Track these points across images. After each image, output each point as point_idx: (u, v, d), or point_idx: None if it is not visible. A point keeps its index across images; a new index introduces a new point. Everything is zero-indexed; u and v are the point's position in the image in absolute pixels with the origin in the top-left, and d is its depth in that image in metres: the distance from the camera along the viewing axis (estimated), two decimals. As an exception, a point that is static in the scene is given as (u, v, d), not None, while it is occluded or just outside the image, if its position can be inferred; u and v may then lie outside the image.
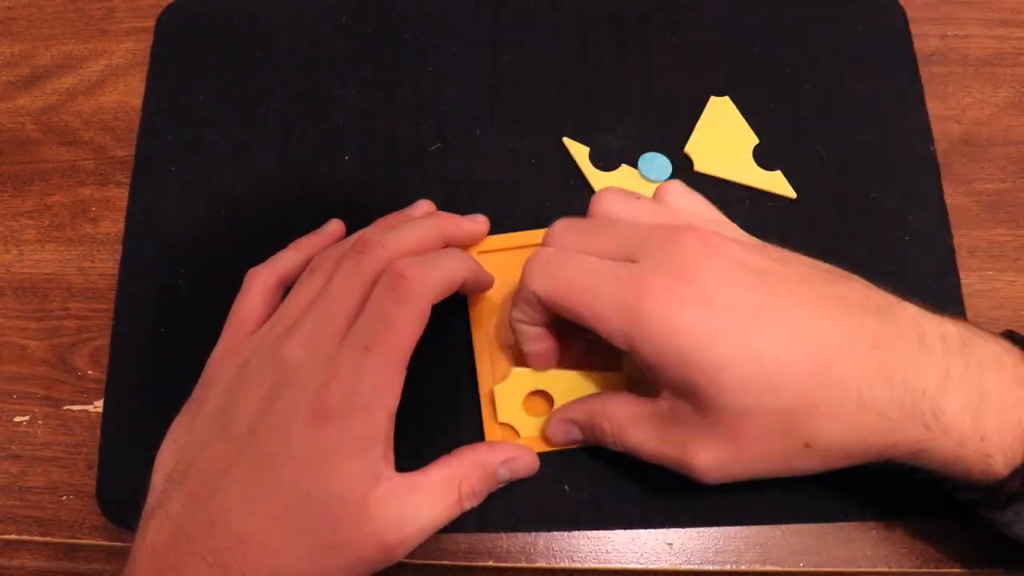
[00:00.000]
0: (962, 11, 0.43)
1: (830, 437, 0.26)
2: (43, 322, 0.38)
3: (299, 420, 0.27)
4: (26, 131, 0.42)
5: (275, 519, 0.27)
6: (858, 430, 0.26)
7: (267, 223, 0.39)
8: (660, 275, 0.27)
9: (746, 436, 0.27)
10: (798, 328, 0.26)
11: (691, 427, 0.28)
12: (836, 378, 0.26)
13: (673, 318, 0.26)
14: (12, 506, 0.36)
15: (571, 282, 0.29)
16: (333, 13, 0.43)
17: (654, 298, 0.27)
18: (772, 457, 0.27)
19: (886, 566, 0.33)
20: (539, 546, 0.34)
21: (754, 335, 0.26)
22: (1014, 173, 0.39)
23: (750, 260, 0.28)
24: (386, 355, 0.28)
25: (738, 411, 0.26)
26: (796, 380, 0.26)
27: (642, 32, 0.42)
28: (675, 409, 0.28)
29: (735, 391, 0.26)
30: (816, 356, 0.26)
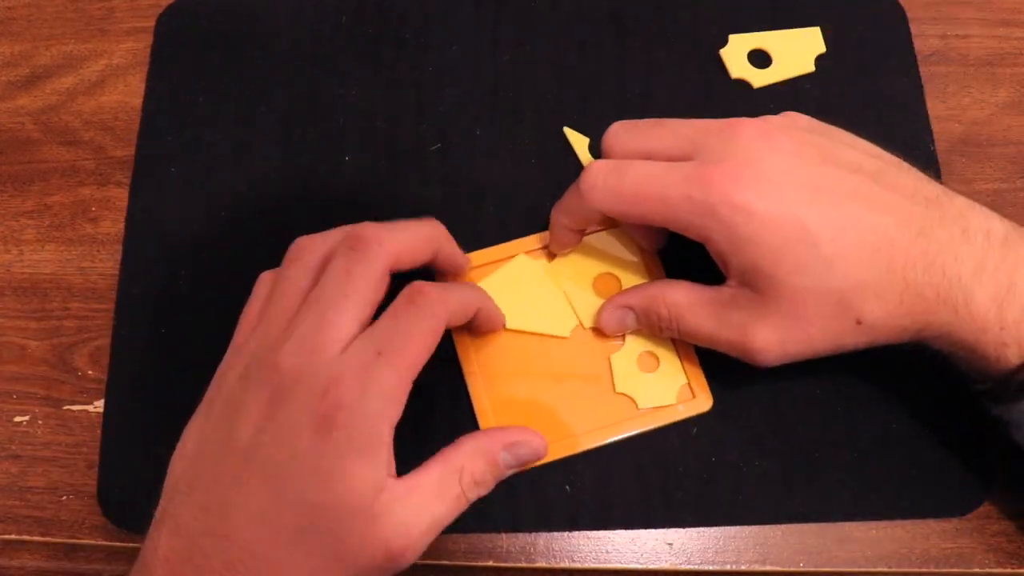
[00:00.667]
0: (962, 11, 0.43)
1: (877, 314, 0.29)
2: (43, 322, 0.38)
3: (303, 432, 0.27)
4: (26, 131, 0.42)
5: (285, 533, 0.27)
6: (900, 308, 0.28)
7: (267, 223, 0.39)
8: (723, 164, 0.29)
9: (803, 314, 0.29)
10: (850, 215, 0.28)
11: (750, 311, 0.30)
12: (883, 261, 0.28)
13: (740, 204, 0.28)
14: (12, 506, 0.36)
15: (636, 192, 0.30)
16: (333, 13, 0.43)
17: (720, 187, 0.29)
18: (826, 335, 0.29)
19: (886, 566, 0.33)
20: (539, 546, 0.34)
21: (811, 220, 0.28)
22: (1014, 173, 0.39)
23: (804, 150, 0.30)
24: (398, 364, 0.28)
25: (795, 291, 0.29)
26: (847, 262, 0.28)
27: (642, 32, 0.42)
28: (736, 296, 0.30)
29: (793, 271, 0.28)
30: (865, 240, 0.28)
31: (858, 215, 0.28)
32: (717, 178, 0.29)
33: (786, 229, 0.28)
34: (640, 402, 0.34)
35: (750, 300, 0.30)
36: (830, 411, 0.35)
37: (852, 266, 0.28)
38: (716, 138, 0.30)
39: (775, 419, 0.35)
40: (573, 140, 0.39)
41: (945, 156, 0.39)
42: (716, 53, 0.41)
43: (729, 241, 0.29)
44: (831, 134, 0.31)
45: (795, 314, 0.29)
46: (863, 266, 0.28)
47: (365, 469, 0.27)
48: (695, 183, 0.29)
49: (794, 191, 0.28)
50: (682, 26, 0.42)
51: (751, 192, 0.28)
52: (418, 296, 0.29)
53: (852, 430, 0.34)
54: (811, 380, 0.35)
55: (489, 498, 0.33)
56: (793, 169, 0.29)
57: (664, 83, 0.41)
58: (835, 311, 0.29)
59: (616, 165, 0.31)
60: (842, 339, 0.30)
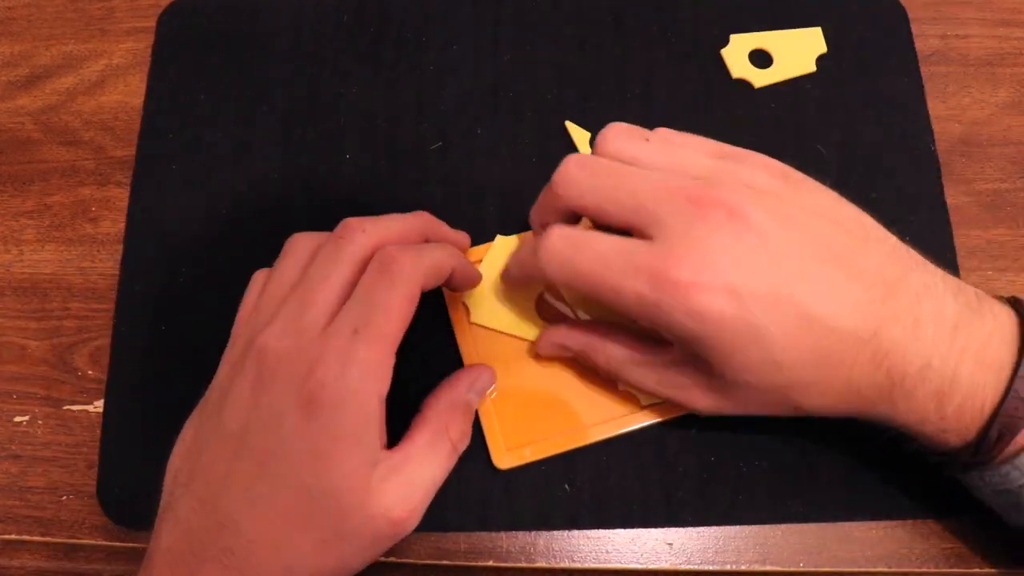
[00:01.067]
0: (962, 11, 0.43)
1: (817, 405, 0.29)
2: (43, 322, 0.38)
3: (289, 414, 0.27)
4: (26, 131, 0.42)
5: (280, 516, 0.27)
6: (841, 403, 0.29)
7: (268, 222, 0.39)
8: (680, 262, 0.27)
9: (744, 399, 0.30)
10: (810, 319, 0.27)
11: (693, 378, 0.30)
12: (832, 364, 0.28)
13: (695, 309, 0.27)
14: (12, 506, 0.36)
15: (588, 273, 0.29)
16: (334, 12, 0.43)
17: (674, 290, 0.27)
18: (765, 410, 0.30)
19: (886, 566, 0.33)
20: (539, 546, 0.34)
21: (768, 323, 0.27)
22: (1014, 173, 0.39)
23: (772, 235, 0.27)
24: (377, 338, 0.28)
25: (739, 383, 0.29)
26: (795, 366, 0.28)
27: (643, 31, 0.42)
28: (679, 362, 0.30)
29: (741, 370, 0.28)
30: (819, 345, 0.27)
31: (817, 312, 0.27)
32: (672, 276, 0.27)
33: (741, 334, 0.27)
34: (643, 399, 0.34)
35: (693, 370, 0.30)
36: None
37: (800, 369, 0.28)
38: (676, 216, 0.27)
39: (775, 419, 0.35)
40: (574, 134, 0.39)
41: (945, 156, 0.39)
42: (717, 53, 0.41)
43: (679, 338, 0.28)
44: (801, 192, 0.29)
45: (735, 395, 0.30)
46: (811, 368, 0.28)
47: (356, 447, 0.27)
48: (648, 277, 0.27)
49: (754, 292, 0.27)
50: (682, 26, 0.42)
51: (709, 297, 0.27)
52: (390, 264, 0.29)
53: (852, 430, 0.34)
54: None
55: (489, 498, 0.33)
56: (756, 264, 0.27)
57: (664, 83, 0.41)
58: (776, 400, 0.29)
59: (570, 237, 0.29)
60: (779, 414, 0.30)
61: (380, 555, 0.29)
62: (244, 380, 0.29)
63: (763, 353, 0.27)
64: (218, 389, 0.30)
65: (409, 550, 0.34)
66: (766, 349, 0.27)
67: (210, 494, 0.28)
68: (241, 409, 0.28)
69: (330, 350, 0.27)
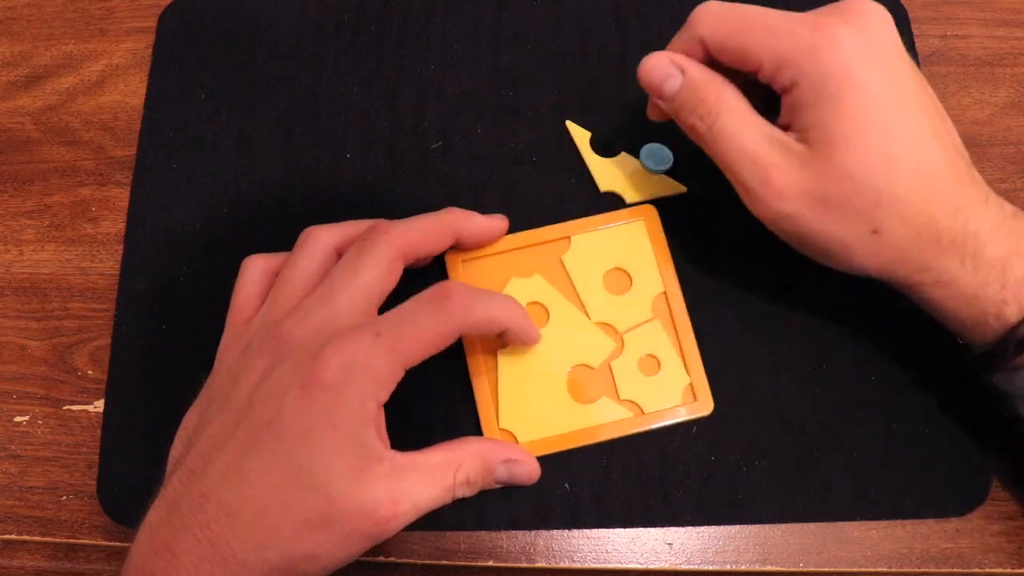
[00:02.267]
0: (962, 11, 0.43)
1: (893, 233, 0.29)
2: (43, 322, 0.38)
3: (292, 389, 0.27)
4: (26, 131, 0.42)
5: (266, 491, 0.27)
6: (916, 238, 0.29)
7: (269, 221, 0.39)
8: (842, 22, 0.29)
9: (837, 192, 0.29)
10: (923, 135, 0.29)
11: (792, 161, 0.29)
12: (924, 189, 0.29)
13: (845, 62, 0.28)
14: (12, 506, 0.36)
15: (746, 21, 0.30)
16: (335, 12, 0.43)
17: (834, 38, 0.29)
18: (839, 223, 0.29)
19: (886, 566, 0.33)
20: (539, 546, 0.34)
21: (899, 116, 0.29)
22: (1014, 173, 0.39)
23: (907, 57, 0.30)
24: (395, 348, 0.28)
25: (847, 173, 0.29)
26: (903, 171, 0.28)
27: (644, 31, 0.42)
28: (787, 142, 0.30)
29: (858, 154, 0.28)
30: (923, 164, 0.29)
31: (927, 139, 0.29)
32: (833, 28, 0.29)
33: (873, 113, 0.28)
34: (645, 407, 0.34)
35: (799, 152, 0.29)
36: (830, 411, 0.35)
37: (901, 179, 0.28)
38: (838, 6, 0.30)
39: (775, 419, 0.35)
40: (575, 133, 0.39)
41: (945, 156, 0.39)
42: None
43: (817, 95, 0.29)
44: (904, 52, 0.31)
45: (831, 189, 0.29)
46: (907, 185, 0.28)
47: (352, 436, 0.28)
48: (810, 25, 0.29)
49: (894, 83, 0.29)
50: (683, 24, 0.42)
51: (862, 59, 0.28)
52: (442, 298, 0.29)
53: (852, 430, 0.34)
54: (811, 380, 0.35)
55: (489, 497, 0.33)
56: (898, 65, 0.29)
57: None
58: (863, 208, 0.29)
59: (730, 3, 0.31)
60: (849, 238, 0.30)
61: (353, 558, 0.28)
62: (259, 362, 0.29)
63: (885, 143, 0.28)
64: (227, 373, 0.30)
65: (409, 550, 0.34)
66: (889, 139, 0.28)
67: (200, 464, 0.28)
68: (250, 385, 0.29)
69: (345, 342, 0.28)
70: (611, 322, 0.36)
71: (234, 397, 0.29)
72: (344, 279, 0.30)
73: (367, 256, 0.31)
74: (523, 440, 0.34)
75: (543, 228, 0.37)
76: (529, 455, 0.32)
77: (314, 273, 0.32)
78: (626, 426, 0.34)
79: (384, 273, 0.31)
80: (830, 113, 0.28)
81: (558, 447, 0.34)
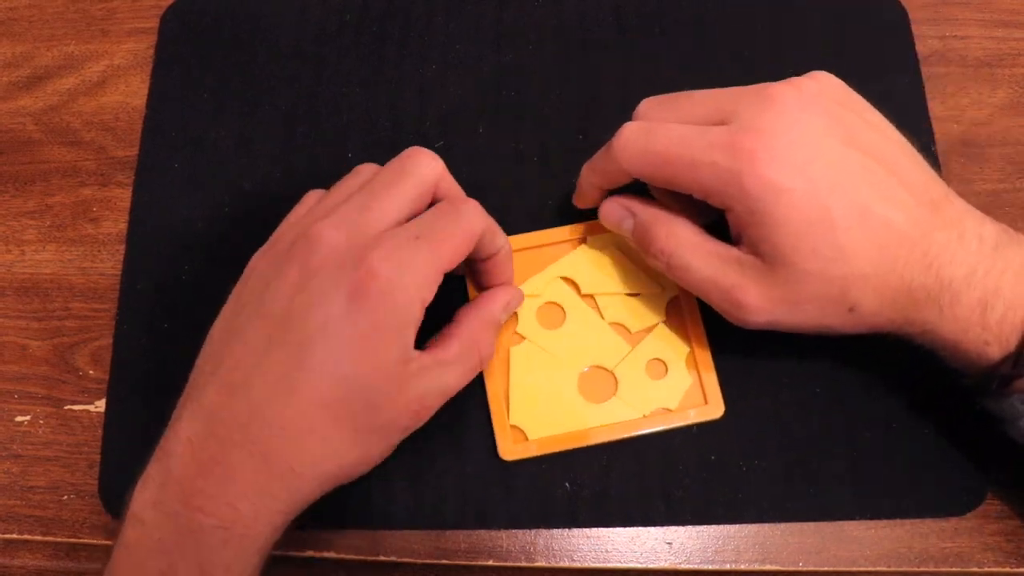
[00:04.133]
0: (961, 12, 0.43)
1: (870, 307, 0.29)
2: (44, 322, 0.38)
3: (336, 300, 0.27)
4: (27, 131, 0.42)
5: (316, 406, 0.27)
6: (891, 304, 0.29)
7: (270, 221, 0.38)
8: (755, 133, 0.29)
9: (804, 293, 0.29)
10: (867, 206, 0.29)
11: (752, 277, 0.30)
12: (888, 258, 0.29)
13: (768, 179, 0.28)
14: (13, 506, 0.36)
15: (664, 153, 0.30)
16: (337, 11, 0.43)
17: (749, 158, 0.28)
18: (817, 315, 0.30)
19: (885, 565, 0.33)
20: (539, 545, 0.34)
21: (834, 204, 0.28)
22: (1012, 173, 0.39)
23: (834, 129, 0.30)
24: (434, 249, 0.29)
25: (804, 272, 0.29)
26: (857, 254, 0.29)
27: (644, 31, 0.42)
28: (742, 259, 0.30)
29: (808, 255, 0.29)
30: (877, 235, 0.29)
31: (875, 208, 0.29)
32: (747, 147, 0.29)
33: (810, 212, 0.28)
34: (655, 408, 0.34)
35: (755, 266, 0.30)
36: (830, 411, 0.35)
37: (861, 258, 0.28)
38: (750, 105, 0.30)
39: (775, 418, 0.35)
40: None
41: (944, 157, 0.39)
42: (718, 49, 0.41)
43: (750, 213, 0.29)
44: (858, 110, 0.31)
45: (796, 291, 0.29)
46: (870, 260, 0.29)
47: (397, 341, 0.28)
48: (724, 149, 0.29)
49: (821, 172, 0.28)
50: (684, 24, 0.42)
51: (780, 168, 0.28)
52: (460, 204, 0.30)
53: (852, 430, 0.35)
54: (811, 380, 0.35)
55: (489, 496, 0.33)
56: (823, 148, 0.29)
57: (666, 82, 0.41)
58: (833, 296, 0.29)
59: (648, 126, 0.31)
60: (829, 321, 0.30)
61: (392, 450, 0.29)
62: (292, 267, 0.29)
63: (828, 235, 0.28)
64: (258, 280, 0.30)
65: (409, 549, 0.34)
66: (831, 231, 0.28)
67: (241, 379, 0.28)
68: (285, 295, 0.28)
69: (390, 246, 0.28)
70: (624, 323, 0.36)
71: (266, 304, 0.28)
72: (378, 188, 0.30)
73: (404, 171, 0.31)
74: (532, 437, 0.34)
75: (560, 228, 0.37)
76: (513, 288, 0.34)
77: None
78: (635, 427, 0.34)
79: (421, 193, 0.31)
80: (769, 228, 0.29)
81: (567, 445, 0.34)
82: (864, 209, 0.29)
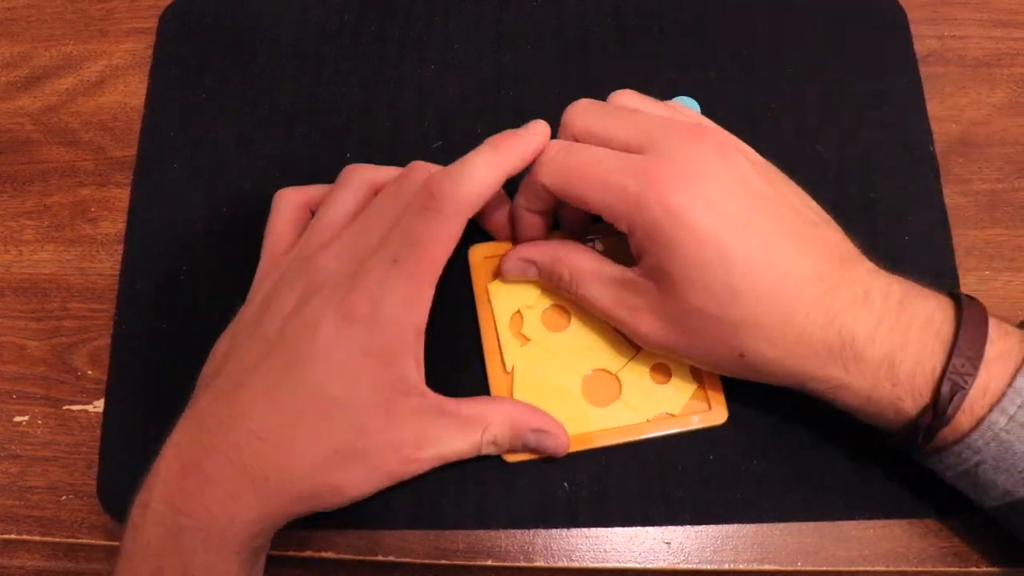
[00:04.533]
0: (959, 12, 0.43)
1: (763, 356, 0.29)
2: (43, 322, 0.38)
3: (326, 321, 0.28)
4: (26, 131, 0.42)
5: (298, 418, 0.27)
6: (789, 358, 0.29)
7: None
8: (669, 165, 0.29)
9: (693, 327, 0.29)
10: (773, 255, 0.28)
11: (647, 300, 0.30)
12: (787, 309, 0.28)
13: (673, 207, 0.28)
14: (12, 506, 0.36)
15: (579, 172, 0.30)
16: (337, 11, 0.43)
17: (658, 185, 0.28)
18: (707, 353, 0.30)
19: (884, 565, 0.33)
20: (538, 545, 0.34)
21: (735, 246, 0.28)
22: (1011, 173, 0.40)
23: (752, 179, 0.29)
24: (412, 270, 0.29)
25: (694, 307, 0.29)
26: (750, 299, 0.28)
27: (645, 31, 0.42)
28: (638, 283, 0.30)
29: (699, 290, 0.28)
30: (776, 285, 0.28)
31: (781, 256, 0.28)
32: (659, 175, 0.28)
33: (708, 248, 0.28)
34: (657, 413, 0.34)
35: (650, 292, 0.30)
36: (829, 410, 0.35)
37: (754, 304, 0.28)
38: (674, 137, 0.29)
39: (774, 418, 0.35)
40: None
41: (942, 157, 0.39)
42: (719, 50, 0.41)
43: (649, 238, 0.29)
44: (780, 175, 0.31)
45: (686, 323, 0.29)
46: (764, 308, 0.28)
47: (387, 370, 0.28)
48: (636, 175, 0.29)
49: (729, 213, 0.28)
50: (684, 24, 0.42)
51: (687, 200, 0.28)
52: (430, 200, 0.29)
53: (851, 430, 0.34)
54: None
55: (489, 495, 0.33)
56: (736, 191, 0.29)
57: (666, 82, 0.41)
58: (722, 337, 0.29)
59: (569, 146, 0.31)
60: (721, 362, 0.30)
61: (374, 492, 0.29)
62: (292, 292, 0.30)
63: (724, 275, 0.28)
64: (261, 302, 0.31)
65: (408, 550, 0.34)
66: (728, 271, 0.28)
67: (230, 386, 0.28)
68: (282, 316, 0.29)
69: (370, 273, 0.28)
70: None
71: (265, 325, 0.29)
72: (377, 215, 0.31)
73: (404, 194, 0.31)
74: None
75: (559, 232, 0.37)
76: (560, 427, 0.33)
77: (352, 212, 0.32)
78: (638, 431, 0.34)
79: None
80: (665, 257, 0.28)
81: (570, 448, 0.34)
82: (769, 255, 0.28)
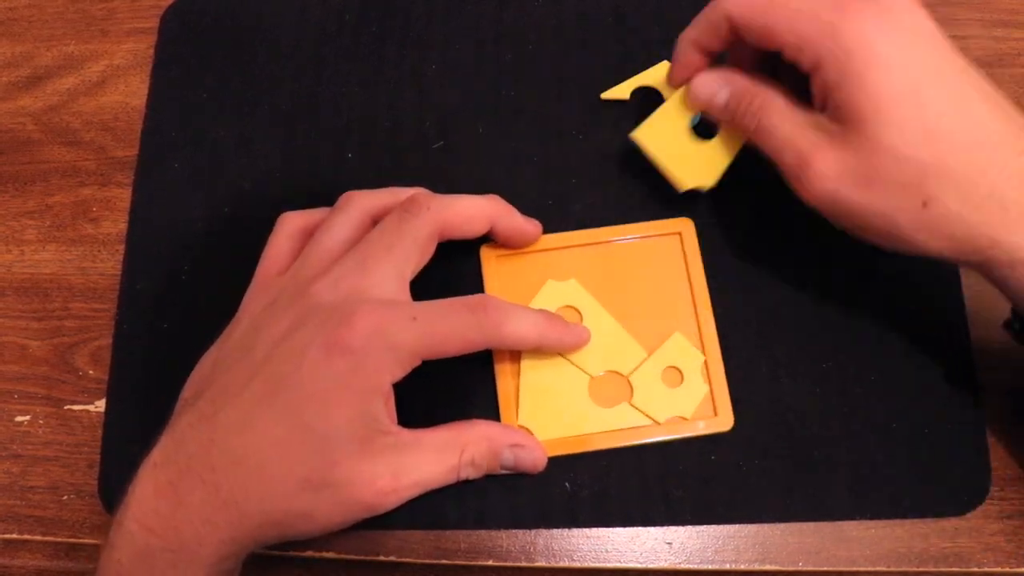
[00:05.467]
0: (961, 12, 0.43)
1: (948, 205, 0.27)
2: (44, 322, 0.38)
3: (313, 350, 0.28)
4: (27, 131, 0.42)
5: (273, 444, 0.27)
6: (975, 212, 0.27)
7: (270, 221, 0.38)
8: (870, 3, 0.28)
9: (878, 168, 0.28)
10: (967, 104, 0.28)
11: (830, 139, 0.29)
12: (980, 159, 0.27)
13: (868, 41, 0.27)
14: (13, 506, 0.36)
15: (770, 2, 0.29)
16: (337, 11, 0.43)
17: (855, 16, 0.28)
18: (886, 200, 0.28)
19: (885, 565, 0.33)
20: (539, 545, 0.34)
21: (930, 88, 0.27)
22: (1013, 173, 0.39)
23: (941, 36, 0.29)
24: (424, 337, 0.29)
25: (884, 146, 0.27)
26: (945, 141, 0.27)
27: (645, 31, 0.42)
28: (823, 123, 0.29)
29: (891, 127, 0.27)
30: (973, 133, 0.27)
31: (974, 108, 0.28)
32: (855, 7, 0.28)
33: (902, 84, 0.27)
34: (664, 417, 0.34)
35: (834, 133, 0.29)
36: (830, 411, 0.35)
37: (947, 148, 0.27)
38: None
39: (774, 418, 0.35)
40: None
41: (944, 156, 0.39)
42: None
43: (841, 73, 0.28)
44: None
45: (870, 166, 0.28)
46: (959, 154, 0.27)
47: (366, 404, 0.28)
48: (832, 5, 0.28)
49: (922, 57, 0.28)
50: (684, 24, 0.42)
51: (883, 34, 0.28)
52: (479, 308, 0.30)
53: (852, 430, 0.35)
54: (811, 380, 0.35)
55: (489, 495, 0.33)
56: (928, 40, 0.28)
57: (664, 83, 0.41)
58: (909, 182, 0.28)
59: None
60: (896, 214, 0.28)
61: (348, 524, 0.29)
62: (284, 318, 0.30)
63: (919, 114, 0.27)
64: (250, 325, 0.31)
65: (409, 549, 0.34)
66: (922, 111, 0.27)
67: (211, 410, 0.28)
68: (271, 341, 0.29)
69: (377, 311, 0.28)
70: (640, 331, 0.35)
71: (253, 349, 0.29)
72: (379, 250, 0.30)
73: (404, 230, 0.31)
74: (540, 438, 0.34)
75: (581, 231, 0.37)
76: (537, 443, 0.33)
77: (348, 239, 0.32)
78: (644, 434, 0.34)
79: (419, 249, 0.31)
80: (856, 90, 0.28)
81: (574, 449, 0.34)
82: (964, 104, 0.27)
